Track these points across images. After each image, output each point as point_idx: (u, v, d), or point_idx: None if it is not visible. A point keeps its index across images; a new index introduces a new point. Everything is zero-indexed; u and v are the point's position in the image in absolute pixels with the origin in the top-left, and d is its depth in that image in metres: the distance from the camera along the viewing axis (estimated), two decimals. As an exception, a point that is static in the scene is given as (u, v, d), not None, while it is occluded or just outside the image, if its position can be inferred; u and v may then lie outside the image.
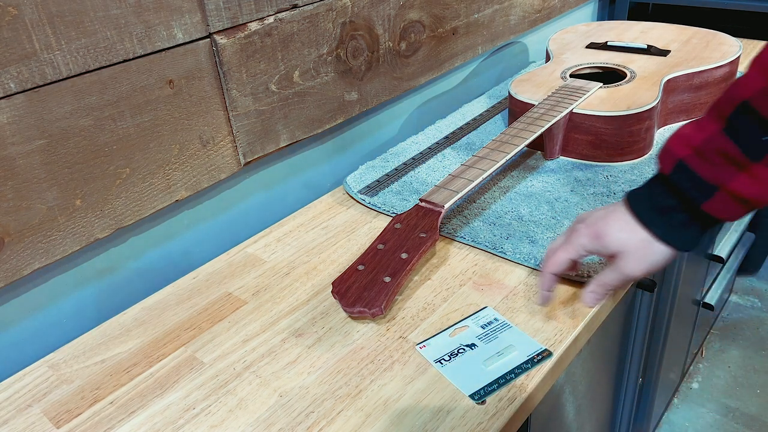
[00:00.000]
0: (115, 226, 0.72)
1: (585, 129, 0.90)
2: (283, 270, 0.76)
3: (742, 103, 0.48)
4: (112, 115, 0.68)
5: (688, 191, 0.52)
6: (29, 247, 0.65)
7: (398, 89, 1.04)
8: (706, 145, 0.50)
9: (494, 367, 0.59)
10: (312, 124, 0.91)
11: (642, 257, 0.55)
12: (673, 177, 0.53)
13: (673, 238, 0.54)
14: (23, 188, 0.63)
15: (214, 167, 0.80)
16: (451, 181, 0.79)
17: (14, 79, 0.59)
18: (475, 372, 0.59)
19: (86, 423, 0.58)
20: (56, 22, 0.61)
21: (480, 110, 1.14)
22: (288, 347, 0.64)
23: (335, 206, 0.89)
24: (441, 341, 0.63)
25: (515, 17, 1.27)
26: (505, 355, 0.60)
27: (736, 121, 0.48)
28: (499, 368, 0.59)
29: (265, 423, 0.56)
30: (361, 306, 0.64)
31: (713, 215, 0.52)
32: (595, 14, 1.67)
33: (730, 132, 0.49)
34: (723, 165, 0.49)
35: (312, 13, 0.85)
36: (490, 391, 0.57)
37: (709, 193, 0.50)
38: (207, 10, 0.73)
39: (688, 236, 0.54)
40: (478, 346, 0.62)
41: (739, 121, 0.48)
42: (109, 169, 0.70)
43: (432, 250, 0.77)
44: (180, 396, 0.59)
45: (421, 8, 1.02)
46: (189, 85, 0.74)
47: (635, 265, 0.56)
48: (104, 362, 0.65)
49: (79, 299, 0.73)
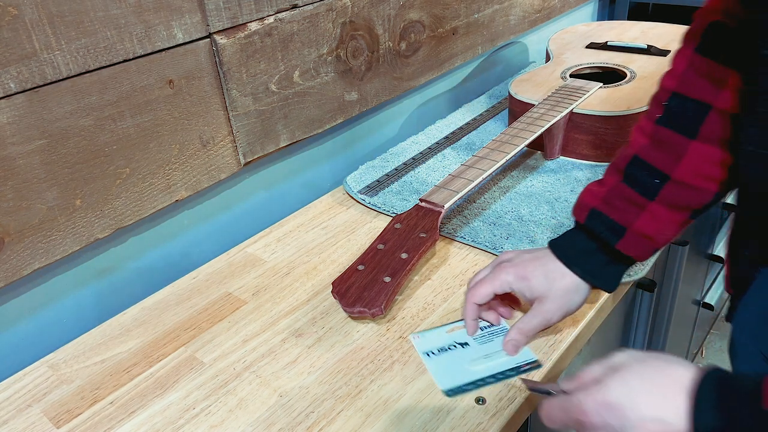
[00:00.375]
0: (115, 226, 0.72)
1: (585, 129, 0.90)
2: (283, 270, 0.76)
3: (633, 156, 0.60)
4: (112, 115, 0.68)
5: (602, 234, 0.60)
6: (29, 247, 0.65)
7: (398, 89, 1.04)
8: (611, 193, 0.60)
9: (478, 369, 0.59)
10: (312, 124, 0.91)
11: (564, 301, 0.59)
12: (588, 224, 0.61)
13: (595, 277, 0.60)
14: (23, 188, 0.63)
15: (214, 167, 0.80)
16: (451, 181, 0.79)
17: (14, 79, 0.59)
18: (457, 369, 0.59)
19: (86, 423, 0.58)
20: (56, 22, 0.61)
21: (480, 110, 1.14)
22: (288, 347, 0.64)
23: (335, 206, 0.89)
24: (436, 336, 0.63)
25: (515, 17, 1.27)
26: (493, 359, 0.60)
27: (630, 171, 0.60)
28: (482, 370, 0.59)
29: (265, 423, 0.56)
30: (361, 306, 0.64)
31: (627, 254, 0.60)
32: (595, 14, 1.67)
33: (628, 181, 0.60)
34: (627, 208, 0.59)
35: (312, 13, 0.85)
36: (466, 390, 0.57)
37: (621, 233, 0.59)
38: (207, 10, 0.73)
39: (609, 275, 0.62)
40: (471, 345, 0.62)
41: (633, 170, 0.59)
42: (109, 169, 0.70)
43: (432, 250, 0.77)
44: (180, 396, 0.59)
45: (421, 8, 1.02)
46: (189, 85, 0.74)
47: (557, 309, 0.59)
48: (104, 362, 0.65)
49: (79, 299, 0.73)
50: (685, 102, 0.57)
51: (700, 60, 0.56)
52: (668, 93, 0.58)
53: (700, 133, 0.56)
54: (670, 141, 0.57)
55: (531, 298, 0.60)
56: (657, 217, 0.58)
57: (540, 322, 0.60)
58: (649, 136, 0.59)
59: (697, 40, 0.56)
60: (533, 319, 0.60)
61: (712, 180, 0.57)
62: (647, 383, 0.40)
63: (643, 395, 0.40)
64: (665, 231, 0.59)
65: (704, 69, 0.55)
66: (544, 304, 0.59)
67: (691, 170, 0.57)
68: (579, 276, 0.60)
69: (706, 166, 0.56)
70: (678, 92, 0.57)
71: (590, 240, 0.61)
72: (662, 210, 0.58)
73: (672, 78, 0.58)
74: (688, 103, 0.56)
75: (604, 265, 0.61)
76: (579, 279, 0.60)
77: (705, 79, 0.55)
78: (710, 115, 0.55)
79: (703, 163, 0.56)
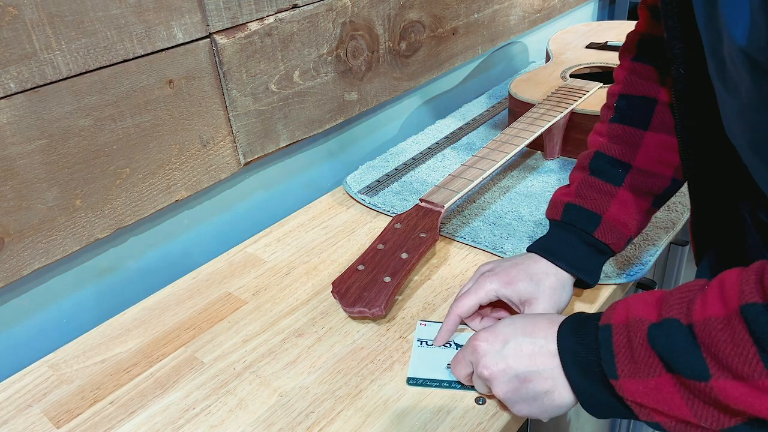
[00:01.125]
0: (115, 226, 0.72)
1: (585, 129, 0.90)
2: (283, 270, 0.76)
3: (596, 152, 0.64)
4: (112, 115, 0.68)
5: (579, 223, 0.62)
6: (29, 247, 0.65)
7: (398, 89, 1.04)
8: (581, 187, 0.64)
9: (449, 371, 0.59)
10: (312, 124, 0.91)
11: (554, 300, 0.60)
12: (565, 217, 0.63)
13: (580, 269, 0.61)
14: (23, 188, 0.63)
15: (214, 167, 0.80)
16: (451, 181, 0.79)
17: (14, 79, 0.59)
18: (434, 365, 0.59)
19: (86, 423, 0.58)
20: (56, 22, 0.61)
21: (480, 110, 1.14)
22: (288, 347, 0.64)
23: (335, 206, 0.89)
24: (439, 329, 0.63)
25: (515, 17, 1.27)
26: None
27: (595, 164, 0.64)
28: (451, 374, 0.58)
29: (265, 423, 0.56)
30: (361, 306, 0.64)
31: (604, 241, 0.62)
32: (595, 14, 1.67)
33: (594, 174, 0.63)
34: (599, 197, 0.62)
35: (312, 13, 0.85)
36: (427, 386, 0.57)
37: (597, 221, 0.62)
38: (207, 10, 0.73)
39: (592, 267, 0.63)
40: None
41: (597, 163, 0.64)
42: (109, 169, 0.70)
43: (432, 250, 0.77)
44: (180, 396, 0.59)
45: (421, 8, 1.02)
46: (189, 85, 0.74)
47: (549, 309, 0.60)
48: (104, 362, 0.65)
49: (79, 299, 0.73)
50: (632, 100, 0.63)
51: (639, 66, 0.63)
52: (616, 96, 0.65)
53: (652, 123, 0.61)
54: (626, 134, 0.63)
55: (519, 302, 0.60)
56: (625, 203, 0.62)
57: None
58: (605, 135, 0.64)
59: (633, 52, 0.64)
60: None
61: (669, 165, 0.61)
62: (528, 321, 0.53)
63: (522, 327, 0.52)
64: (635, 217, 0.62)
65: (644, 72, 0.63)
66: (535, 305, 0.59)
67: (650, 158, 0.61)
68: (565, 269, 0.61)
69: (663, 152, 0.61)
70: (624, 93, 0.64)
71: (570, 233, 0.63)
72: (629, 196, 0.62)
73: (617, 84, 0.65)
74: (635, 100, 0.63)
75: (587, 257, 0.62)
76: (564, 275, 0.61)
77: (646, 80, 0.62)
78: (657, 107, 0.61)
79: (660, 150, 0.61)
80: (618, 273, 0.70)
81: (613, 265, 0.71)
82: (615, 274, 0.69)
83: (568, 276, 0.61)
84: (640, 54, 0.64)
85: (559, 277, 0.61)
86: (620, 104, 0.64)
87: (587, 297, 0.67)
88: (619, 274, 0.69)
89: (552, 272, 0.61)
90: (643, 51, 0.63)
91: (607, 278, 0.69)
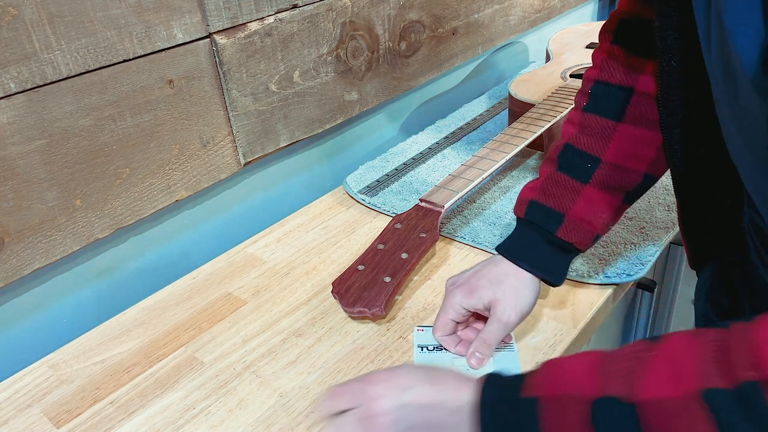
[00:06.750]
0: (115, 226, 0.72)
1: (585, 129, 0.90)
2: (283, 270, 0.76)
3: (565, 145, 0.62)
4: (112, 115, 0.68)
5: (541, 223, 0.60)
6: (29, 247, 0.65)
7: (398, 89, 1.04)
8: (547, 182, 0.61)
9: None
10: (312, 124, 0.91)
11: (515, 300, 0.58)
12: (528, 216, 0.62)
13: (542, 269, 0.60)
14: (23, 188, 0.63)
15: (214, 167, 0.80)
16: (451, 181, 0.79)
17: (14, 79, 0.59)
18: None
19: (86, 423, 0.58)
20: (56, 22, 0.61)
21: (480, 110, 1.14)
22: (288, 347, 0.64)
23: (335, 206, 0.89)
24: None
25: (515, 17, 1.27)
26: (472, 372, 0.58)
27: (564, 158, 0.61)
28: None
29: (265, 423, 0.56)
30: (361, 306, 0.64)
31: (568, 240, 0.59)
32: (595, 14, 1.67)
33: (562, 168, 0.61)
34: (563, 194, 0.60)
35: (312, 13, 0.85)
36: None
37: (559, 220, 0.59)
38: (207, 10, 0.73)
39: (556, 267, 0.61)
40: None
41: (566, 157, 0.61)
42: (109, 169, 0.70)
43: (432, 250, 0.77)
44: (180, 396, 0.59)
45: (421, 8, 1.02)
46: (189, 85, 0.74)
47: (511, 309, 0.58)
48: (104, 362, 0.65)
49: (79, 299, 0.73)
50: (608, 87, 0.60)
51: (618, 50, 0.59)
52: (591, 82, 0.61)
53: (627, 114, 0.58)
54: (598, 125, 0.60)
55: (484, 309, 0.59)
56: (592, 200, 0.60)
57: (498, 327, 0.58)
58: (577, 124, 0.61)
59: (613, 35, 0.60)
60: (490, 326, 0.58)
61: (642, 161, 0.59)
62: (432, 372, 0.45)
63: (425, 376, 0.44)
64: (601, 215, 0.60)
65: (622, 57, 0.59)
66: (496, 307, 0.58)
67: (621, 152, 0.59)
68: (527, 270, 0.59)
69: (636, 146, 0.58)
70: (600, 80, 0.60)
71: (532, 232, 0.61)
72: (597, 193, 0.60)
73: (593, 69, 0.62)
74: (611, 88, 0.59)
75: (550, 257, 0.60)
76: (526, 275, 0.59)
77: (624, 66, 0.59)
78: (633, 98, 0.58)
79: (633, 144, 0.58)
80: (618, 273, 0.69)
81: (612, 265, 0.71)
82: (614, 275, 0.69)
83: (530, 276, 0.59)
84: (621, 37, 0.59)
85: (519, 277, 0.59)
86: (595, 91, 0.61)
87: (587, 298, 0.67)
88: (619, 275, 0.69)
89: (512, 272, 0.59)
90: (625, 34, 0.59)
91: (607, 278, 0.69)
